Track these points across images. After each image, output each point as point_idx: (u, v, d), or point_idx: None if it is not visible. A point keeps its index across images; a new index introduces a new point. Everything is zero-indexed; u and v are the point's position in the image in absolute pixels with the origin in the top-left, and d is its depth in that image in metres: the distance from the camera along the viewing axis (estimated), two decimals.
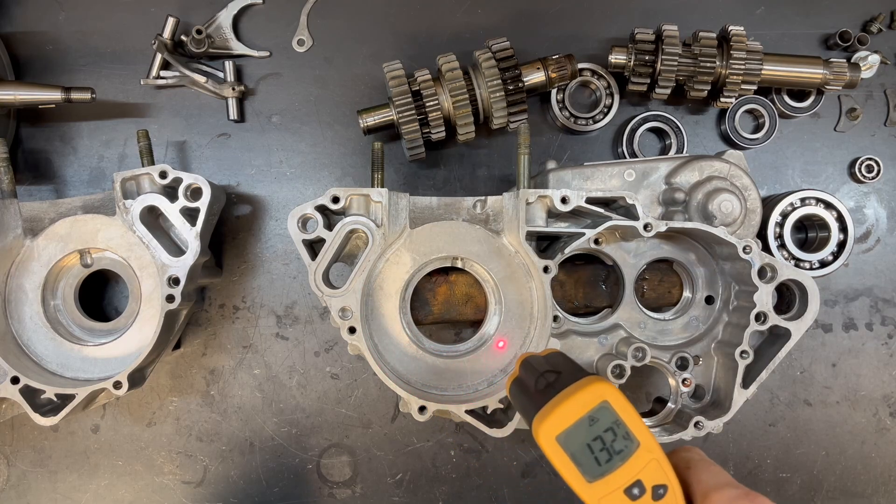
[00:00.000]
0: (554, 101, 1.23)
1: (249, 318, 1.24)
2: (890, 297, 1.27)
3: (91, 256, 1.12)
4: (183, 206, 1.05)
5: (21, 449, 1.23)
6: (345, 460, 1.24)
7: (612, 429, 0.70)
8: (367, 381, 1.24)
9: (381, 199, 1.02)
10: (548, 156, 1.24)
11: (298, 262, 1.24)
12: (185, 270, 1.05)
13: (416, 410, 0.99)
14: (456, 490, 1.24)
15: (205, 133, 1.25)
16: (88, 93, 1.13)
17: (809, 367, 1.27)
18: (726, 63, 1.14)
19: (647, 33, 1.15)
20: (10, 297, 1.09)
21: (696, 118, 1.27)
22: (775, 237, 1.19)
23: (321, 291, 1.01)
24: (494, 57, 1.09)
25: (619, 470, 0.69)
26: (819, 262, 1.20)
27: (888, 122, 1.27)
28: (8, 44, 1.21)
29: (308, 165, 1.25)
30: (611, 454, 0.69)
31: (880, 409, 1.27)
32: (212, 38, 1.21)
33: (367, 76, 1.25)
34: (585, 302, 1.13)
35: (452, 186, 1.25)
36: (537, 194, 1.02)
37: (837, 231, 1.19)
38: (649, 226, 1.01)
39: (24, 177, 1.23)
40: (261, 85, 1.25)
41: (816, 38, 1.27)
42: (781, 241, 1.19)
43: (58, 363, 1.10)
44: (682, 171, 1.09)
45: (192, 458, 1.24)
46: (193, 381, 1.24)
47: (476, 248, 1.06)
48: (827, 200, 1.19)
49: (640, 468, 0.69)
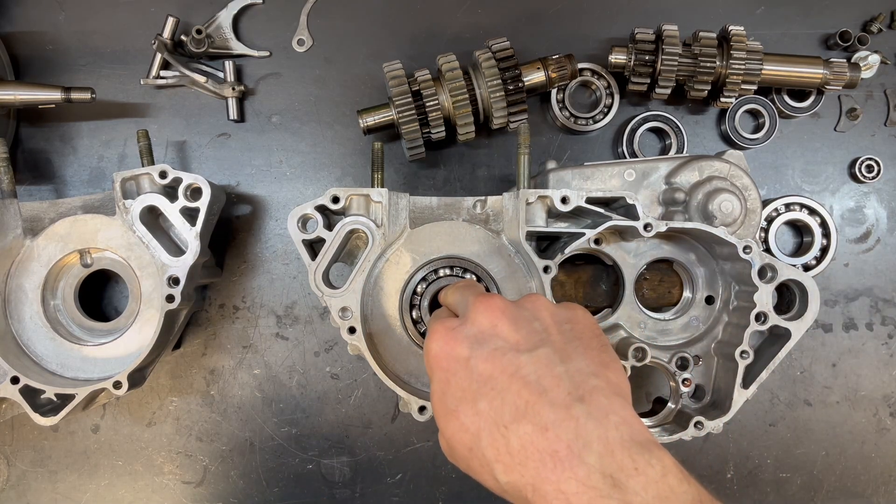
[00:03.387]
0: (554, 101, 1.23)
1: (249, 318, 1.24)
2: (890, 297, 1.27)
3: (91, 256, 1.12)
4: (183, 206, 1.05)
5: (21, 449, 1.23)
6: (345, 460, 1.24)
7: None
8: (367, 381, 1.24)
9: (381, 199, 1.02)
10: (548, 156, 1.24)
11: (298, 262, 1.24)
12: (185, 270, 1.05)
13: (416, 410, 0.99)
14: (456, 490, 1.24)
15: (205, 133, 1.25)
16: (88, 93, 1.13)
17: (809, 367, 1.27)
18: (726, 63, 1.14)
19: (647, 33, 1.15)
20: (9, 296, 1.09)
21: (696, 118, 1.27)
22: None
23: (321, 291, 1.01)
24: (494, 57, 1.09)
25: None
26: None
27: (888, 122, 1.28)
28: (8, 44, 1.21)
29: (308, 165, 1.25)
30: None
31: (880, 409, 1.27)
32: (212, 37, 1.21)
33: (367, 76, 1.25)
34: (585, 302, 1.13)
35: (452, 186, 1.25)
36: (537, 194, 1.02)
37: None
38: (649, 226, 1.01)
39: (24, 177, 1.23)
40: (261, 85, 1.25)
41: (816, 38, 1.27)
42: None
43: (58, 363, 1.10)
44: (682, 171, 1.09)
45: (191, 458, 1.24)
46: (193, 381, 1.24)
47: (476, 248, 1.06)
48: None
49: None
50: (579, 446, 0.64)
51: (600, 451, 0.63)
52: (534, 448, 0.66)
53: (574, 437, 0.65)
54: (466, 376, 0.74)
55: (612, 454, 0.63)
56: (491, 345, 0.75)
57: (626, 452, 0.63)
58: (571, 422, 0.66)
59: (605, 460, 0.63)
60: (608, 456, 0.63)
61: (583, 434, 0.65)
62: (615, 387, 0.72)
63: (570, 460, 0.63)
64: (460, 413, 0.73)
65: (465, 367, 0.74)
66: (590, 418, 0.66)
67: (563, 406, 0.67)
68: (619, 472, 0.62)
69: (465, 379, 0.74)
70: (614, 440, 0.64)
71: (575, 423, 0.66)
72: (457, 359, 0.75)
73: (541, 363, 0.72)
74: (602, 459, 0.63)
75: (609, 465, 0.63)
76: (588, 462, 0.63)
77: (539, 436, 0.66)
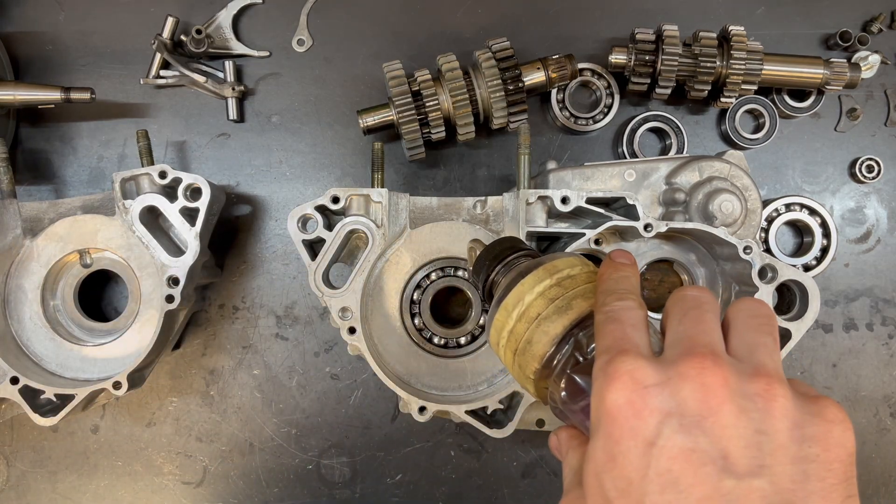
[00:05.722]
0: (554, 101, 1.23)
1: (249, 318, 1.24)
2: (890, 298, 1.27)
3: (90, 256, 1.12)
4: (182, 206, 1.05)
5: (20, 449, 1.23)
6: (344, 461, 1.24)
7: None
8: (367, 382, 1.24)
9: (381, 199, 1.02)
10: (548, 156, 1.24)
11: (298, 262, 1.24)
12: (185, 270, 1.05)
13: (416, 411, 0.99)
14: (456, 490, 1.24)
15: (204, 133, 1.25)
16: (88, 93, 1.13)
17: (810, 368, 1.27)
18: (727, 63, 1.14)
19: (647, 33, 1.15)
20: (9, 297, 1.09)
21: (696, 118, 1.27)
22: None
23: (321, 292, 1.01)
24: (494, 57, 1.09)
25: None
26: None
27: (889, 123, 1.27)
28: (7, 44, 1.21)
29: (308, 165, 1.25)
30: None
31: (881, 410, 1.27)
32: (211, 37, 1.21)
33: (367, 76, 1.25)
34: None
35: (452, 186, 1.25)
36: (537, 194, 1.02)
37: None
38: (650, 226, 1.01)
39: (23, 177, 1.23)
40: (260, 85, 1.25)
41: (817, 38, 1.27)
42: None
43: (57, 363, 1.10)
44: (682, 172, 1.09)
45: (191, 458, 1.24)
46: (193, 382, 1.24)
47: None
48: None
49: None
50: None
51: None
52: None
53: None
54: (641, 464, 0.51)
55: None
56: (692, 438, 0.50)
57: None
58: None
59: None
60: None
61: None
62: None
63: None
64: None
65: (644, 450, 0.51)
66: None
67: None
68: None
69: (638, 468, 0.51)
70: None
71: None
72: (637, 433, 0.52)
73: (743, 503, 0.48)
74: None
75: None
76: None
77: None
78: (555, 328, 0.65)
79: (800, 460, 0.50)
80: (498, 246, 0.79)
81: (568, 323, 0.65)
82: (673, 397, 0.52)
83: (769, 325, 0.59)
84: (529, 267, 0.70)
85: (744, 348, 0.57)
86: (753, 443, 0.50)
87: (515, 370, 0.70)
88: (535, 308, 0.66)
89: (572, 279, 0.68)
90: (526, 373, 0.68)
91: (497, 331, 0.70)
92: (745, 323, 0.59)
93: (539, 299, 0.66)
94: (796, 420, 0.52)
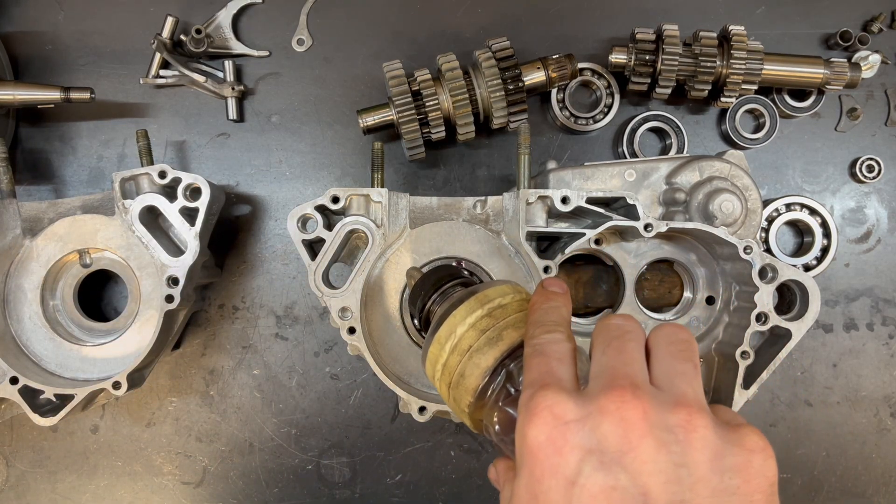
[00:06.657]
0: (554, 100, 1.23)
1: (249, 318, 1.24)
2: (891, 298, 1.27)
3: (90, 256, 1.12)
4: (182, 205, 1.05)
5: (20, 449, 1.23)
6: (344, 461, 1.24)
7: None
8: (367, 382, 1.24)
9: (380, 199, 1.02)
10: (548, 156, 1.24)
11: (298, 262, 1.24)
12: (185, 270, 1.05)
13: (416, 411, 0.99)
14: (456, 490, 1.24)
15: (204, 133, 1.25)
16: (87, 92, 1.13)
17: (810, 368, 1.26)
18: (727, 63, 1.14)
19: (647, 33, 1.15)
20: (8, 296, 1.09)
21: (696, 118, 1.27)
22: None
23: (321, 291, 1.01)
24: (494, 57, 1.09)
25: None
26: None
27: (889, 122, 1.27)
28: (7, 43, 1.21)
29: (308, 165, 1.25)
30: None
31: (881, 410, 1.27)
32: (211, 37, 1.20)
33: (367, 76, 1.25)
34: (585, 302, 1.13)
35: (452, 186, 1.25)
36: (537, 194, 1.02)
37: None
38: (650, 226, 1.01)
39: (23, 177, 1.23)
40: (260, 85, 1.25)
41: (817, 38, 1.27)
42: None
43: (57, 363, 1.10)
44: (682, 172, 1.09)
45: (191, 458, 1.23)
46: (193, 382, 1.24)
47: (476, 248, 1.05)
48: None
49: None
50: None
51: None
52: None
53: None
54: (563, 503, 0.51)
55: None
56: (612, 476, 0.50)
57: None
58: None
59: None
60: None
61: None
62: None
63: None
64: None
65: (565, 489, 0.51)
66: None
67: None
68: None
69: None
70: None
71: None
72: (557, 471, 0.52)
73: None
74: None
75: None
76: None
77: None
78: (486, 360, 0.65)
79: (720, 492, 0.50)
80: (434, 274, 0.80)
81: (499, 354, 0.65)
82: (593, 433, 0.52)
83: (688, 352, 0.59)
84: (462, 297, 0.69)
85: (664, 377, 0.56)
86: (674, 478, 0.50)
87: (451, 403, 0.69)
88: (466, 340, 0.66)
89: (503, 308, 0.67)
90: (461, 406, 0.67)
91: (432, 364, 0.69)
92: (664, 350, 0.59)
93: (470, 331, 0.66)
94: (717, 450, 0.51)
